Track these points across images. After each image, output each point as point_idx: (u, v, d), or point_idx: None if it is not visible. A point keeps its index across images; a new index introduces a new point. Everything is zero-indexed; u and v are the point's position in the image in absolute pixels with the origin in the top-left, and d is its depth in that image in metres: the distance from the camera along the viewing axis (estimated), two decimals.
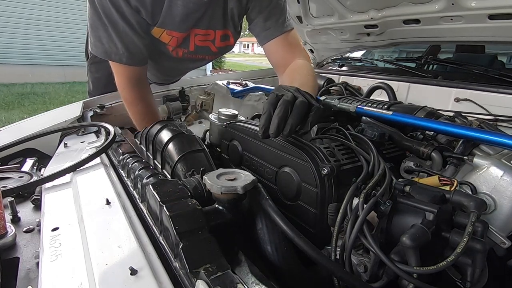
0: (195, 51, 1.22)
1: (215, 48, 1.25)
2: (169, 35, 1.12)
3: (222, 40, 1.23)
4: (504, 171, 0.59)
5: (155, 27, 1.09)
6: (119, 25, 1.00)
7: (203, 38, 1.19)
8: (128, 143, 1.03)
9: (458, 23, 1.25)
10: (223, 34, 1.21)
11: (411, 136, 0.80)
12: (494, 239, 0.58)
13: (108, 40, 1.03)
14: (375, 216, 0.53)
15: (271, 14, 1.15)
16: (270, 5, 1.14)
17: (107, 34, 1.02)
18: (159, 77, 1.58)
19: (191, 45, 1.19)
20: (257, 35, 1.19)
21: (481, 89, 1.21)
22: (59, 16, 8.13)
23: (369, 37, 1.65)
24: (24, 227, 0.70)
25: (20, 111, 5.27)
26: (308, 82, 1.01)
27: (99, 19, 1.00)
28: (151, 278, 0.45)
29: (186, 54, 1.22)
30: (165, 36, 1.12)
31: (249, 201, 0.59)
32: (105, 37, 1.02)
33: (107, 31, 1.01)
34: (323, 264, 0.47)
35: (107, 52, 1.05)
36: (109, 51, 1.05)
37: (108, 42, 1.03)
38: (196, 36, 1.18)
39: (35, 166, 1.01)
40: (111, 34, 1.02)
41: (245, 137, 0.81)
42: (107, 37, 1.02)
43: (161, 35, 1.12)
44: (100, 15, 0.99)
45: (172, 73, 1.57)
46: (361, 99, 0.90)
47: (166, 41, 1.14)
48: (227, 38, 1.24)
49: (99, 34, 1.03)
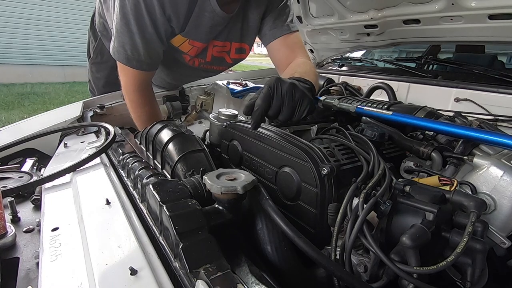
0: (211, 62, 1.24)
1: (230, 59, 1.27)
2: (190, 44, 1.13)
3: (237, 52, 1.25)
4: (504, 171, 0.59)
5: (178, 35, 1.09)
6: (147, 31, 1.00)
7: (220, 50, 1.21)
8: (128, 143, 1.03)
9: (458, 23, 1.25)
10: (239, 47, 1.24)
11: (411, 136, 0.80)
12: (494, 239, 0.58)
13: (131, 47, 1.03)
14: (375, 216, 0.53)
15: (280, 14, 1.17)
16: (280, 4, 1.16)
17: (132, 41, 1.02)
18: (166, 82, 1.57)
19: (208, 55, 1.21)
20: (264, 34, 1.20)
21: (481, 89, 1.21)
22: (59, 16, 8.13)
23: (369, 37, 1.65)
24: (24, 227, 0.70)
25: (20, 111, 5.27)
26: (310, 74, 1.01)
27: (126, 25, 0.99)
28: (151, 278, 0.45)
29: (202, 64, 1.24)
30: (186, 45, 1.13)
31: (249, 201, 0.59)
32: (129, 44, 1.02)
33: (132, 37, 1.01)
34: (323, 264, 0.47)
35: (129, 59, 1.05)
36: (131, 58, 1.05)
37: (132, 49, 1.03)
38: (214, 47, 1.20)
39: (35, 166, 1.00)
40: (136, 41, 1.01)
41: (245, 137, 0.81)
42: (131, 44, 1.02)
43: (181, 44, 1.12)
44: (129, 20, 0.98)
45: (183, 79, 1.58)
46: (361, 99, 0.90)
47: (186, 50, 1.15)
48: (243, 51, 1.26)
49: (124, 40, 1.02)
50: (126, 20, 0.98)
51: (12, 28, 7.53)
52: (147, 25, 0.99)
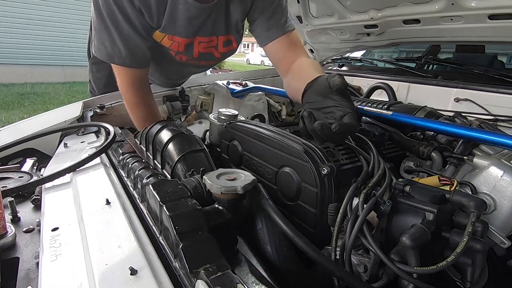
0: (199, 58, 1.23)
1: (218, 54, 1.26)
2: (170, 39, 1.12)
3: (225, 45, 1.23)
4: (504, 171, 0.59)
5: (157, 31, 1.09)
6: (123, 27, 1.00)
7: (206, 45, 1.20)
8: (128, 143, 1.03)
9: (458, 23, 1.25)
10: (226, 39, 1.22)
11: (411, 136, 0.80)
12: (494, 239, 0.58)
13: (111, 43, 1.03)
14: (375, 216, 0.53)
15: (273, 14, 1.14)
16: (272, 4, 1.14)
17: (110, 37, 1.02)
18: (161, 80, 1.58)
19: (195, 52, 1.20)
20: (258, 35, 1.18)
21: (481, 89, 1.21)
22: (59, 16, 8.14)
23: (369, 37, 1.65)
24: (24, 227, 0.70)
25: (20, 111, 5.27)
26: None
27: (102, 22, 1.00)
28: (151, 278, 0.45)
29: (190, 60, 1.23)
30: (166, 40, 1.12)
31: (249, 201, 0.59)
32: (108, 40, 1.02)
33: (110, 34, 1.01)
34: (323, 264, 0.47)
35: (110, 55, 1.05)
36: (112, 54, 1.05)
37: (111, 45, 1.03)
38: (200, 44, 1.18)
39: (35, 166, 1.00)
40: (114, 37, 1.02)
41: (245, 137, 0.81)
42: (110, 40, 1.02)
43: (162, 40, 1.12)
44: (104, 17, 0.98)
45: (175, 76, 1.57)
46: (361, 99, 0.90)
47: (168, 46, 1.14)
48: (230, 43, 1.24)
49: (102, 37, 1.03)
50: (101, 17, 0.99)
51: (12, 28, 7.53)
52: (120, 20, 0.99)
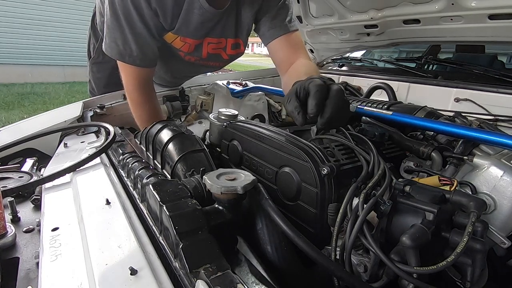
0: (207, 58, 1.25)
1: (226, 55, 1.28)
2: (182, 41, 1.13)
3: (233, 48, 1.26)
4: (504, 171, 0.59)
5: (169, 33, 1.10)
6: (137, 26, 1.02)
7: (215, 46, 1.22)
8: (128, 143, 1.03)
9: (458, 23, 1.25)
10: (235, 42, 1.24)
11: (411, 136, 0.80)
12: (494, 239, 0.58)
13: (123, 42, 1.04)
14: (375, 216, 0.53)
15: (278, 14, 1.16)
16: (278, 4, 1.16)
17: (123, 35, 1.03)
18: (166, 80, 1.58)
19: (203, 52, 1.21)
20: (262, 34, 1.20)
21: (481, 89, 1.21)
22: (59, 16, 8.13)
23: (369, 37, 1.65)
24: (24, 227, 0.70)
25: (20, 111, 5.27)
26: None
27: (116, 20, 1.01)
28: (151, 278, 0.45)
29: (198, 61, 1.25)
30: (178, 42, 1.13)
31: (249, 201, 0.59)
32: (120, 39, 1.03)
33: (123, 32, 1.02)
34: (323, 264, 0.47)
35: (121, 54, 1.06)
36: (123, 53, 1.06)
37: (123, 44, 1.04)
38: (209, 44, 1.20)
39: (35, 166, 1.00)
40: (127, 36, 1.03)
41: (245, 137, 0.81)
42: (123, 39, 1.03)
43: (173, 41, 1.13)
44: (119, 16, 0.99)
45: (182, 75, 1.58)
46: (361, 99, 0.90)
47: (178, 47, 1.16)
48: (238, 46, 1.27)
49: (115, 36, 1.03)
50: (116, 16, 1.00)
51: (12, 28, 7.52)
52: (135, 19, 1.00)
